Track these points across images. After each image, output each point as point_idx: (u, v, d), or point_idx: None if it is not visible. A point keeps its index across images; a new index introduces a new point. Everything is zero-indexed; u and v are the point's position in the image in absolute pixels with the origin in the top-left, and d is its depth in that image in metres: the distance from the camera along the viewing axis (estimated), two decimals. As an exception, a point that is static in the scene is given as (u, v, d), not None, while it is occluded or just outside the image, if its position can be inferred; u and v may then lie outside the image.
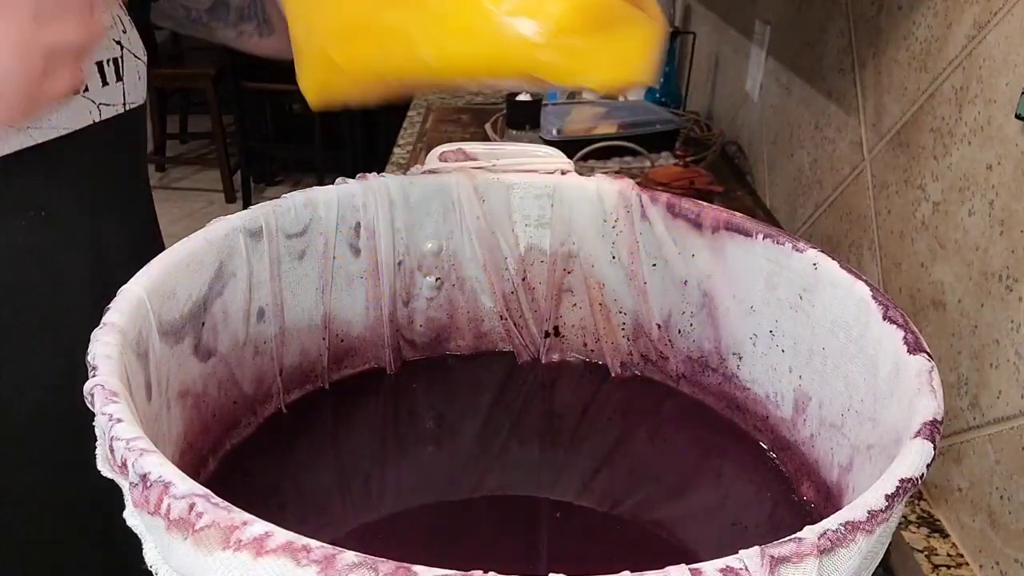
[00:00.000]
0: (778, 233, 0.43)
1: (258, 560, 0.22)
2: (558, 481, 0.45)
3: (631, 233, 0.49)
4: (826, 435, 0.41)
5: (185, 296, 0.39)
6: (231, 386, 0.43)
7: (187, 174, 3.22)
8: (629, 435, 0.49)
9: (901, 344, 0.34)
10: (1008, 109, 0.51)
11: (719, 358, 0.48)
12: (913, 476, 0.27)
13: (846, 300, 0.39)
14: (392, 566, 0.21)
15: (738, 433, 0.48)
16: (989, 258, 0.52)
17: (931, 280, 0.59)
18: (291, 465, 0.45)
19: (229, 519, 0.23)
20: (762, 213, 1.02)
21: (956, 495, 0.55)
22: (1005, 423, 0.50)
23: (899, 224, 0.65)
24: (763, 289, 0.44)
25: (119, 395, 0.28)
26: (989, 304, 0.52)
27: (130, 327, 0.33)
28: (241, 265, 0.43)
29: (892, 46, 0.68)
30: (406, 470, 0.47)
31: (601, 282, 0.51)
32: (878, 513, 0.25)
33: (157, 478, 0.24)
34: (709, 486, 0.45)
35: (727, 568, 0.22)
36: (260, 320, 0.45)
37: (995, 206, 0.52)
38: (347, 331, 0.50)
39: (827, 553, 0.23)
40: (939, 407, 0.30)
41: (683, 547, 0.41)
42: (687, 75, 1.41)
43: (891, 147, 0.68)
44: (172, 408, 0.38)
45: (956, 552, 0.54)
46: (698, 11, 1.49)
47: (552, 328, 0.54)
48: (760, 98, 1.08)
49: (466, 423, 0.50)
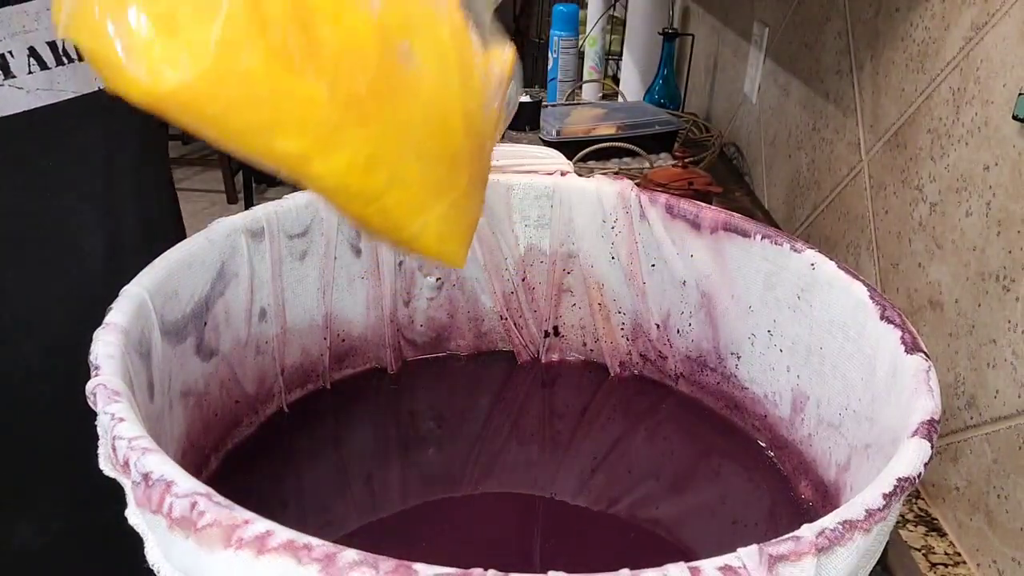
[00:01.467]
0: (776, 233, 0.43)
1: (260, 559, 0.22)
2: (557, 480, 0.46)
3: (630, 234, 0.49)
4: (824, 434, 0.41)
5: (187, 296, 0.39)
6: (233, 385, 0.43)
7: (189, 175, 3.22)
8: (628, 434, 0.49)
9: (898, 344, 0.34)
10: (1005, 110, 0.51)
11: (718, 358, 0.48)
12: (911, 475, 0.27)
13: (844, 300, 0.39)
14: (393, 564, 0.21)
15: (736, 432, 0.48)
16: (986, 258, 0.52)
17: (928, 280, 0.60)
18: (292, 464, 0.45)
19: (231, 518, 0.23)
20: (760, 214, 1.02)
21: (954, 494, 0.55)
22: (1002, 422, 0.50)
23: (896, 224, 0.66)
24: (761, 289, 0.44)
25: (121, 394, 0.28)
26: (986, 304, 0.52)
27: (132, 327, 0.33)
28: (243, 265, 0.43)
29: (890, 48, 0.68)
30: (406, 469, 0.47)
31: (600, 282, 0.52)
32: (876, 512, 0.25)
33: (159, 477, 0.24)
34: (708, 485, 0.46)
35: (726, 566, 0.22)
36: (262, 320, 0.45)
37: (992, 206, 0.52)
38: (348, 331, 0.50)
39: (825, 551, 0.23)
40: (936, 406, 0.30)
41: (682, 546, 0.41)
42: (686, 77, 1.41)
43: (889, 148, 0.68)
44: (174, 407, 0.38)
45: (954, 551, 0.54)
46: (696, 13, 1.49)
47: (552, 328, 0.54)
48: (758, 99, 1.08)
49: (466, 422, 0.50)
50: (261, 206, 0.44)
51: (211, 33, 0.26)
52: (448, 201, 0.34)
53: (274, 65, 0.27)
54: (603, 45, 1.55)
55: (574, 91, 1.47)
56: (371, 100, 0.29)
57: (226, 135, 0.28)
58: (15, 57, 0.46)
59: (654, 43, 1.39)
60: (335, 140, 0.29)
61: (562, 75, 1.46)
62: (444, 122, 0.32)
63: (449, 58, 0.32)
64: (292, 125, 0.28)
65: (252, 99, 0.27)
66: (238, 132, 0.28)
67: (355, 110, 0.29)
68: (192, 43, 0.26)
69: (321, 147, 0.29)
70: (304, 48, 0.27)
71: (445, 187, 0.34)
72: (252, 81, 0.27)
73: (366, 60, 0.29)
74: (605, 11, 1.57)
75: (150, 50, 0.26)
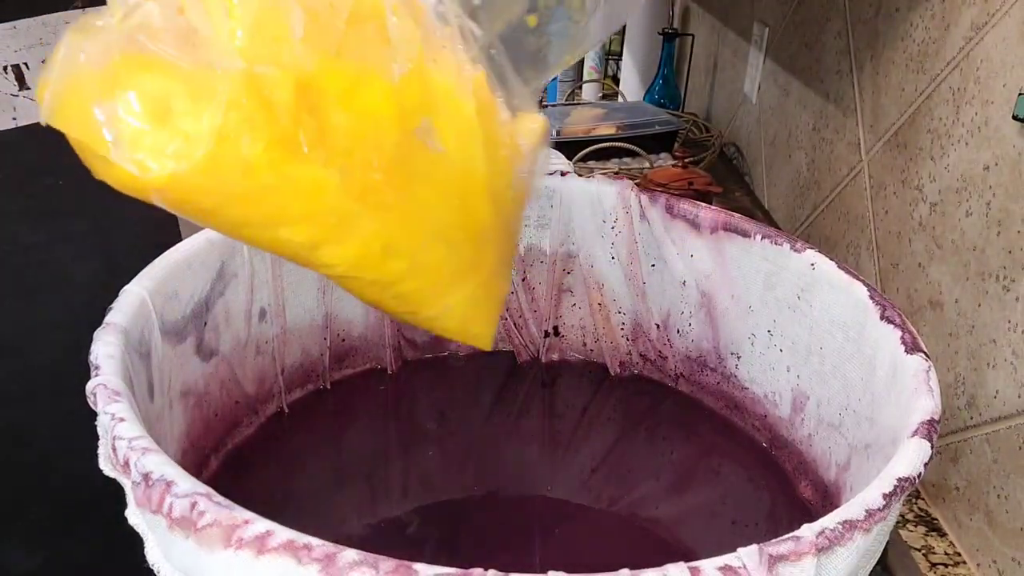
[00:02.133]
0: (776, 233, 0.43)
1: (260, 559, 0.22)
2: (557, 480, 0.46)
3: (630, 234, 0.49)
4: (824, 434, 0.41)
5: (187, 296, 0.39)
6: (233, 386, 0.43)
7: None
8: (628, 434, 0.49)
9: (899, 344, 0.34)
10: (1005, 110, 0.51)
11: (718, 358, 0.48)
12: (911, 475, 0.27)
13: (844, 300, 0.39)
14: (393, 564, 0.21)
15: (736, 432, 0.48)
16: (986, 258, 0.52)
17: (928, 280, 0.60)
18: (292, 464, 0.45)
19: (231, 518, 0.23)
20: (760, 214, 1.02)
21: (954, 494, 0.55)
22: (1002, 422, 0.50)
23: (897, 224, 0.66)
24: (761, 289, 0.44)
25: (121, 395, 0.28)
26: (986, 304, 0.52)
27: (132, 327, 0.33)
28: (243, 265, 0.43)
29: (890, 48, 0.68)
30: (406, 469, 0.47)
31: (600, 282, 0.52)
32: (876, 512, 0.25)
33: (159, 477, 0.24)
34: (708, 485, 0.46)
35: (726, 566, 0.22)
36: (262, 320, 0.45)
37: (992, 207, 0.52)
38: (348, 331, 0.50)
39: (825, 551, 0.23)
40: (936, 406, 0.30)
41: (682, 545, 0.41)
42: (686, 77, 1.41)
43: (889, 148, 0.68)
44: (174, 407, 0.38)
45: (954, 551, 0.54)
46: (696, 13, 1.49)
47: (552, 328, 0.54)
48: (758, 99, 1.08)
49: (466, 423, 0.50)
50: (261, 206, 0.44)
51: (207, 122, 0.23)
52: (473, 284, 0.32)
53: (278, 153, 0.25)
54: (603, 45, 1.55)
55: (574, 91, 1.47)
56: (387, 185, 0.27)
57: (224, 227, 0.26)
58: (30, 69, 0.47)
59: (654, 43, 1.39)
60: (346, 228, 0.27)
61: (562, 75, 1.46)
62: (468, 203, 0.30)
63: (473, 135, 0.29)
64: (298, 215, 0.26)
65: (253, 190, 0.25)
66: (237, 224, 0.26)
67: (370, 196, 0.27)
68: (187, 132, 0.24)
69: (331, 236, 0.27)
70: (314, 134, 0.25)
71: (470, 270, 0.31)
72: (253, 171, 0.24)
73: (382, 142, 0.27)
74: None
75: (140, 140, 0.23)
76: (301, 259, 0.28)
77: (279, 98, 0.24)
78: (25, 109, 0.47)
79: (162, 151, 0.24)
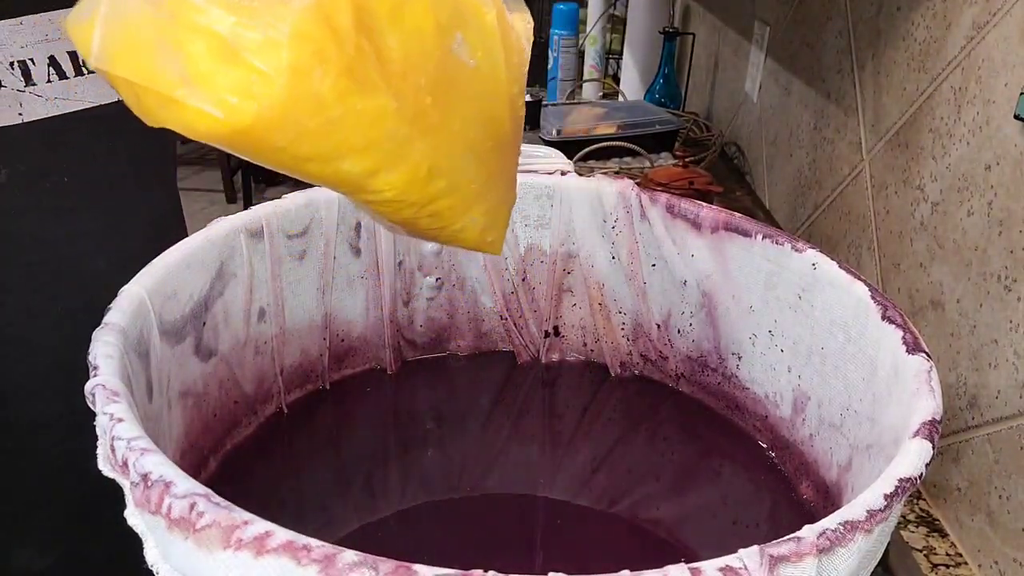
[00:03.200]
0: (777, 233, 0.43)
1: (259, 559, 0.22)
2: (557, 480, 0.46)
3: (631, 233, 0.49)
4: (825, 435, 0.41)
5: (186, 296, 0.39)
6: (232, 386, 0.43)
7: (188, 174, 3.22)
8: (628, 434, 0.49)
9: (900, 344, 0.34)
10: (1007, 109, 0.51)
11: (718, 358, 0.48)
12: (912, 476, 0.27)
13: (845, 300, 0.39)
14: (392, 565, 0.21)
15: (737, 432, 0.48)
16: (988, 258, 0.52)
17: (930, 280, 0.60)
18: (291, 465, 0.45)
19: (230, 518, 0.23)
20: (761, 213, 1.02)
21: (955, 494, 0.55)
22: (1004, 423, 0.50)
23: (898, 224, 0.65)
24: (762, 289, 0.44)
25: (120, 395, 0.28)
26: (988, 304, 0.52)
27: (131, 327, 0.33)
28: (242, 265, 0.43)
29: (891, 47, 0.68)
30: (406, 469, 0.47)
31: (601, 282, 0.51)
32: (877, 512, 0.25)
33: (158, 477, 0.24)
34: (708, 485, 0.46)
35: (726, 567, 0.22)
36: (261, 320, 0.45)
37: (994, 206, 0.52)
38: (347, 331, 0.50)
39: (826, 552, 0.23)
40: (938, 407, 0.30)
41: (682, 546, 0.41)
42: (686, 76, 1.41)
43: (890, 147, 0.68)
44: (173, 408, 0.38)
45: (955, 551, 0.54)
46: (697, 12, 1.49)
47: (552, 328, 0.54)
48: (759, 99, 1.08)
49: (466, 423, 0.50)
50: (260, 206, 0.44)
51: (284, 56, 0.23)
52: (496, 193, 0.32)
53: (346, 83, 0.24)
54: (603, 44, 1.55)
55: (574, 90, 1.47)
56: (433, 106, 0.27)
57: (287, 164, 0.26)
58: (36, 65, 0.47)
59: (655, 42, 1.39)
60: (401, 154, 0.27)
61: (562, 74, 1.46)
62: (495, 114, 0.30)
63: (496, 44, 0.29)
64: (361, 145, 0.26)
65: (324, 124, 0.24)
66: (302, 159, 0.26)
67: (420, 120, 0.27)
68: (260, 70, 0.23)
69: (386, 163, 0.27)
70: (373, 61, 0.25)
71: (495, 180, 0.32)
72: (324, 105, 0.24)
73: (427, 62, 0.27)
74: (605, 10, 1.56)
75: (215, 79, 0.23)
76: (352, 188, 0.28)
77: (341, 24, 0.24)
78: (31, 105, 0.47)
79: (242, 89, 0.23)
